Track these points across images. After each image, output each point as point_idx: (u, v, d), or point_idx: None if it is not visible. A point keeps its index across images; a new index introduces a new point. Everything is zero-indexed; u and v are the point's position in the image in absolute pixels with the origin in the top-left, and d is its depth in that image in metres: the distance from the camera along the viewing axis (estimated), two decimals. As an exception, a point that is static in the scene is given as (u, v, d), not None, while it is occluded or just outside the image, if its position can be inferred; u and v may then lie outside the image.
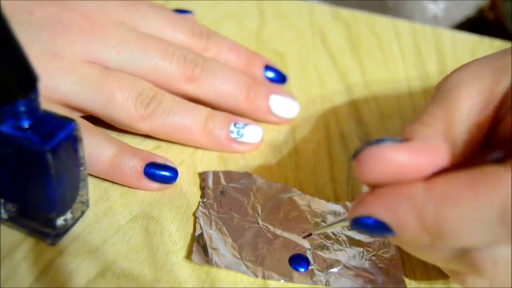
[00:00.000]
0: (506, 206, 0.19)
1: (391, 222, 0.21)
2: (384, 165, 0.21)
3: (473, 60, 0.25)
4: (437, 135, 0.22)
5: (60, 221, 0.25)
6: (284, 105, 0.34)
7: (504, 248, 0.21)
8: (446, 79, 0.24)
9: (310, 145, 0.34)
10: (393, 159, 0.21)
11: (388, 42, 0.44)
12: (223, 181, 0.30)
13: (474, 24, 0.54)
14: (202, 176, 0.31)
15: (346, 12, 0.47)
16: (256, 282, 0.26)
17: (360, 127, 0.36)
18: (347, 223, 0.24)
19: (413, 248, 0.24)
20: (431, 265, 0.28)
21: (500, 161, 0.20)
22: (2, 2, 0.21)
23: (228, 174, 0.31)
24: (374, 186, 0.22)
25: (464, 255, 0.22)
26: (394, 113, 0.37)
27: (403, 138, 0.22)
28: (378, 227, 0.22)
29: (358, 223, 0.22)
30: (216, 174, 0.31)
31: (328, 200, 0.30)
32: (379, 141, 0.21)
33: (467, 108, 0.23)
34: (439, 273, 0.28)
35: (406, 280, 0.27)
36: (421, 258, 0.24)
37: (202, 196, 0.29)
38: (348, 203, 0.30)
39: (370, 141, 0.22)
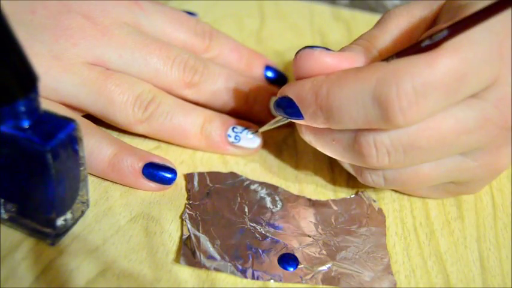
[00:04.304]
0: (378, 88, 0.23)
1: (296, 98, 0.27)
2: (313, 62, 0.26)
3: (414, 3, 0.29)
4: (362, 50, 0.27)
5: (60, 221, 0.25)
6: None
7: (382, 135, 0.25)
8: (387, 12, 0.29)
9: (310, 145, 0.34)
10: (320, 60, 0.26)
11: (388, 42, 0.44)
12: (209, 182, 0.30)
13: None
14: (188, 178, 0.30)
15: (346, 12, 0.47)
16: (256, 283, 0.26)
17: (360, 127, 0.36)
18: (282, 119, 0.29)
19: (321, 138, 0.28)
20: (431, 265, 0.28)
21: None
22: (3, 0, 0.21)
23: (213, 175, 0.31)
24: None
25: (354, 142, 0.26)
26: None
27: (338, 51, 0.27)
28: (288, 104, 0.27)
29: (277, 103, 0.28)
30: (201, 175, 0.31)
31: (314, 198, 0.31)
32: (316, 46, 0.27)
33: (395, 35, 0.28)
34: (439, 273, 0.28)
35: (406, 280, 0.27)
36: (331, 151, 0.28)
37: (188, 198, 0.29)
38: (332, 200, 0.31)
39: (309, 46, 0.27)
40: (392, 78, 0.23)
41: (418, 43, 0.24)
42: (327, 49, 0.26)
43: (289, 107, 0.27)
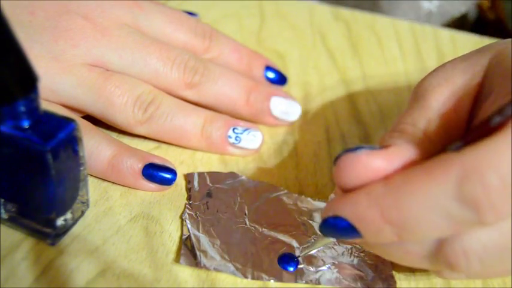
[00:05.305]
0: (461, 187, 0.20)
1: (352, 218, 0.22)
2: (361, 169, 0.22)
3: (448, 62, 0.26)
4: (412, 141, 0.23)
5: (60, 221, 0.25)
6: (285, 108, 0.34)
7: (473, 236, 0.22)
8: (421, 82, 0.26)
9: (311, 146, 0.34)
10: (370, 164, 0.22)
11: (388, 42, 0.44)
12: (209, 182, 0.30)
13: (474, 24, 0.54)
14: (188, 178, 0.30)
15: (346, 12, 0.47)
16: (256, 283, 0.26)
17: (360, 127, 0.36)
18: (329, 240, 0.25)
19: (387, 250, 0.24)
20: (431, 265, 0.28)
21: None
22: (2, 1, 0.21)
23: (213, 175, 0.31)
24: (348, 191, 0.23)
25: (437, 252, 0.22)
26: (394, 113, 0.37)
27: (380, 146, 0.23)
28: (343, 226, 0.22)
29: (326, 225, 0.23)
30: (201, 175, 0.31)
31: (314, 198, 0.31)
32: (357, 148, 0.22)
33: (439, 112, 0.24)
34: (439, 274, 0.28)
35: (406, 280, 0.27)
36: (401, 262, 0.24)
37: (189, 198, 0.29)
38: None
39: (349, 148, 0.22)
40: (474, 174, 0.20)
41: (486, 122, 0.21)
42: (370, 147, 0.22)
43: (344, 228, 0.23)
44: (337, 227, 0.23)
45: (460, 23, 0.53)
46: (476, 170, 0.20)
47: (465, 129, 0.25)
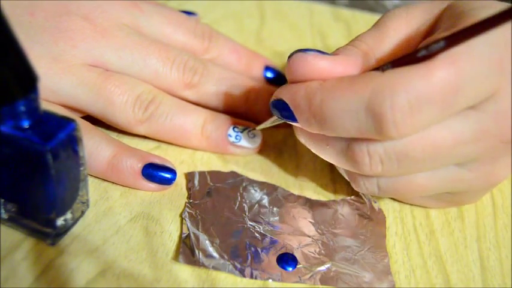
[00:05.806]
0: (372, 101, 0.23)
1: (290, 104, 0.27)
2: (307, 67, 0.26)
3: (413, 4, 0.29)
4: (359, 53, 0.27)
5: (60, 221, 0.25)
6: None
7: (376, 143, 0.25)
8: (386, 13, 0.29)
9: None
10: (315, 64, 0.26)
11: (388, 42, 0.44)
12: (209, 181, 0.30)
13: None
14: (188, 177, 0.31)
15: (346, 12, 0.47)
16: (256, 283, 0.26)
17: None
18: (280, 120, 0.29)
19: (316, 141, 0.28)
20: (431, 265, 0.28)
21: None
22: (2, 1, 0.21)
23: (214, 174, 0.31)
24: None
25: (348, 149, 0.26)
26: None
27: (332, 53, 0.27)
28: (282, 107, 0.27)
29: (272, 104, 0.28)
30: (202, 174, 0.31)
31: (314, 198, 0.31)
32: (308, 50, 0.26)
33: (390, 42, 0.28)
34: (439, 273, 0.28)
35: (406, 280, 0.27)
36: (324, 155, 0.28)
37: (189, 197, 0.29)
38: (332, 200, 0.31)
39: (301, 49, 0.26)
40: (386, 91, 0.23)
41: (414, 53, 0.24)
42: (321, 52, 0.26)
43: (284, 110, 0.27)
44: (280, 109, 0.27)
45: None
46: (389, 88, 0.23)
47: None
